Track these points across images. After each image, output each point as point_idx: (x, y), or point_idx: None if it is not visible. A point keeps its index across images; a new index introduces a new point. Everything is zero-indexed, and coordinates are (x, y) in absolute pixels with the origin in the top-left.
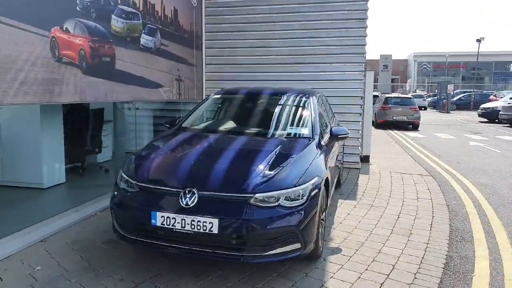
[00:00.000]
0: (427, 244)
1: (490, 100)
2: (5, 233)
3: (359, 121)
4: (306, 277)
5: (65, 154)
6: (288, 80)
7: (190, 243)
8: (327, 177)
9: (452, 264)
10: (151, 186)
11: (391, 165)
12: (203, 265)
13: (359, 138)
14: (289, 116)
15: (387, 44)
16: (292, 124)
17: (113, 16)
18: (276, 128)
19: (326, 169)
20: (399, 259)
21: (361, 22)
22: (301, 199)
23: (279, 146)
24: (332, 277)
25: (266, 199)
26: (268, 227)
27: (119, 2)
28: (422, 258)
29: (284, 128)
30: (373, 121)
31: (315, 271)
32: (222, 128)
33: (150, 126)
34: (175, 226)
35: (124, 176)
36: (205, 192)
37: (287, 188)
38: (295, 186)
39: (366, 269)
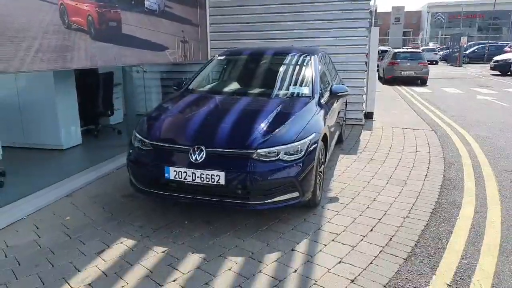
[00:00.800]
0: (419, 192)
1: (505, 52)
2: (34, 189)
3: (363, 78)
4: (305, 222)
5: (80, 117)
6: (292, 38)
7: (200, 193)
8: (325, 133)
9: (440, 209)
10: (162, 144)
11: (394, 121)
12: (213, 213)
13: (363, 95)
14: (291, 76)
15: None
16: (293, 84)
17: None
18: (278, 88)
19: (324, 125)
20: (392, 205)
21: None
22: (299, 153)
23: (280, 105)
24: (328, 221)
25: (267, 154)
26: (269, 178)
27: None
28: (413, 204)
29: (286, 88)
30: (380, 77)
31: (313, 217)
32: (226, 89)
33: (158, 88)
34: (186, 179)
35: (138, 136)
36: (212, 149)
37: (287, 144)
38: (293, 142)
39: (360, 215)
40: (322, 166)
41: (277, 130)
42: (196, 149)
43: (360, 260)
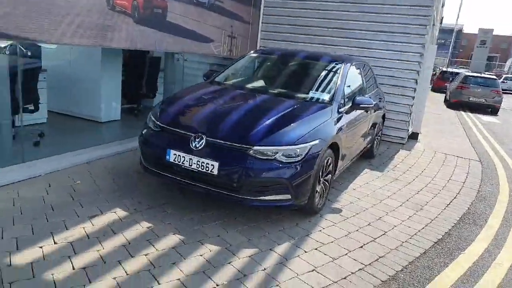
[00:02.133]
0: (432, 220)
1: None
2: (61, 151)
3: (411, 96)
4: (296, 226)
5: (124, 95)
6: (343, 46)
7: (194, 179)
8: (335, 142)
9: (446, 241)
10: (169, 127)
11: (440, 146)
12: (212, 203)
13: (408, 113)
14: (315, 81)
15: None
16: (315, 89)
17: None
18: (298, 91)
19: (337, 134)
20: (395, 228)
21: None
22: (298, 157)
23: (293, 107)
24: (320, 230)
25: (264, 152)
26: (261, 176)
27: None
28: (419, 231)
29: (306, 92)
30: (446, 100)
31: (306, 223)
32: (249, 85)
33: (198, 77)
34: (183, 163)
35: (151, 117)
36: (212, 139)
37: (286, 145)
38: (293, 145)
39: (357, 230)
40: (329, 175)
41: (280, 130)
42: (197, 137)
43: (335, 273)
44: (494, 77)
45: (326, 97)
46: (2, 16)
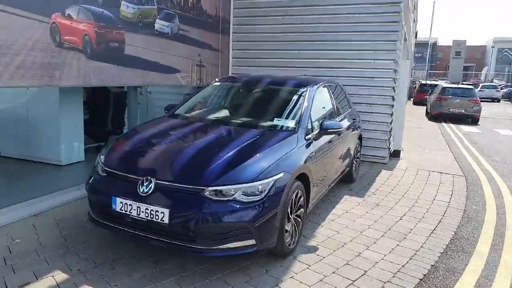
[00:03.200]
0: (417, 251)
1: None
2: (6, 204)
3: (389, 114)
4: (265, 274)
5: (88, 134)
6: (315, 67)
7: (144, 230)
8: (304, 173)
9: (433, 276)
10: (115, 171)
11: (423, 162)
12: (166, 254)
13: (387, 131)
14: (280, 107)
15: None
16: (280, 116)
17: (123, 1)
18: (262, 119)
19: (305, 163)
20: (376, 265)
21: (394, 6)
22: (260, 194)
23: (255, 138)
24: (292, 277)
25: (220, 192)
26: (218, 221)
27: None
28: (403, 266)
29: (271, 120)
30: (427, 112)
31: (277, 269)
32: (210, 116)
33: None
34: (131, 212)
35: (99, 159)
36: (161, 182)
37: (245, 183)
38: (253, 181)
39: (333, 273)
40: (301, 210)
41: (238, 166)
42: (145, 181)
43: None
44: (471, 87)
45: (291, 124)
46: None
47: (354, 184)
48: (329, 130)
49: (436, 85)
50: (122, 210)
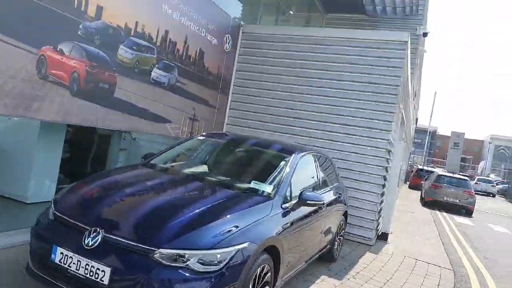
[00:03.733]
0: None
1: None
2: None
3: (379, 193)
4: None
5: (64, 173)
6: (309, 136)
7: None
8: (273, 245)
9: None
10: (64, 216)
11: (411, 249)
12: None
13: (375, 211)
14: (259, 170)
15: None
16: (258, 179)
17: (121, 46)
18: (238, 180)
19: (277, 235)
20: None
21: (392, 88)
22: (217, 265)
23: (225, 199)
24: None
25: (172, 256)
26: None
27: (132, 34)
28: None
29: (248, 182)
30: (421, 197)
31: None
32: (186, 170)
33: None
34: (70, 266)
35: (51, 202)
36: (109, 235)
37: (202, 249)
38: (212, 248)
39: None
40: (267, 287)
41: (197, 228)
42: (92, 232)
43: None
44: (466, 178)
45: (268, 189)
46: None
47: (335, 264)
48: (308, 201)
49: (432, 172)
50: (61, 262)
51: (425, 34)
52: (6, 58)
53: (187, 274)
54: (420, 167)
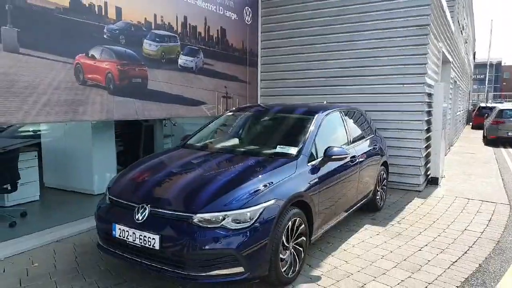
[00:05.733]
0: (428, 285)
1: None
2: (36, 230)
3: (420, 139)
4: None
5: (122, 165)
6: (343, 93)
7: (139, 256)
8: (302, 200)
9: None
10: (117, 199)
11: (466, 190)
12: (166, 281)
13: (420, 157)
14: (285, 135)
15: None
16: (283, 143)
17: (145, 40)
18: (265, 147)
19: (304, 190)
20: None
21: (422, 29)
22: (248, 221)
23: (252, 165)
24: None
25: (208, 219)
26: (204, 248)
27: (153, 27)
28: None
29: (274, 147)
30: (484, 136)
31: None
32: (217, 145)
33: None
34: (128, 239)
35: (106, 188)
36: (155, 209)
37: (233, 210)
38: (241, 208)
39: None
40: (302, 238)
41: (228, 193)
42: (141, 208)
43: None
44: None
45: (292, 150)
46: None
47: (380, 213)
48: (333, 157)
49: (492, 108)
50: (120, 236)
51: None
52: (48, 72)
53: (222, 232)
54: (483, 105)
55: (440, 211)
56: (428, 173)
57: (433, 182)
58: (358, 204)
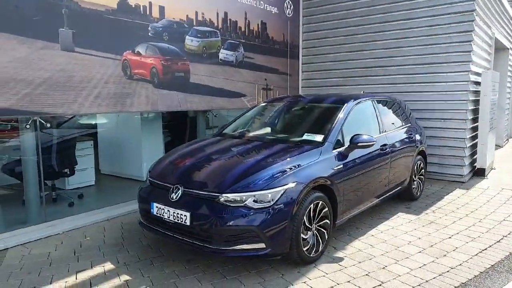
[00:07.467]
0: (451, 269)
1: None
2: (89, 210)
3: (464, 129)
4: (280, 278)
5: None
6: (385, 83)
7: (173, 231)
8: (325, 185)
9: None
10: (155, 180)
11: None
12: (198, 254)
13: (463, 148)
14: (313, 123)
15: None
16: (311, 131)
17: (187, 36)
18: (294, 135)
19: (328, 175)
20: (397, 278)
21: (466, 15)
22: (269, 202)
23: (277, 151)
24: (304, 282)
25: (233, 198)
26: (229, 224)
27: (195, 24)
28: (426, 282)
29: (301, 135)
30: None
31: (293, 275)
32: (249, 134)
33: None
34: (164, 215)
35: (147, 171)
36: (187, 189)
37: (255, 191)
38: (263, 189)
39: (348, 281)
40: (325, 221)
41: (251, 175)
42: (175, 188)
43: None
44: None
45: (318, 138)
46: (23, 97)
47: (416, 202)
48: (359, 144)
49: None
50: (158, 213)
51: None
52: (99, 68)
53: (245, 211)
54: None
55: (480, 202)
56: (474, 164)
57: (479, 173)
58: (391, 192)
